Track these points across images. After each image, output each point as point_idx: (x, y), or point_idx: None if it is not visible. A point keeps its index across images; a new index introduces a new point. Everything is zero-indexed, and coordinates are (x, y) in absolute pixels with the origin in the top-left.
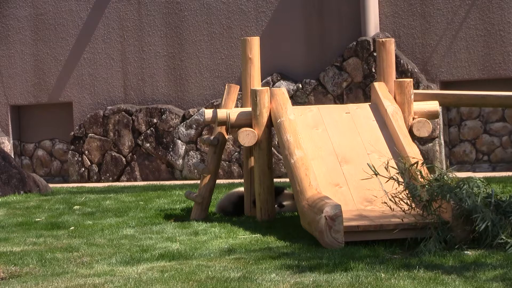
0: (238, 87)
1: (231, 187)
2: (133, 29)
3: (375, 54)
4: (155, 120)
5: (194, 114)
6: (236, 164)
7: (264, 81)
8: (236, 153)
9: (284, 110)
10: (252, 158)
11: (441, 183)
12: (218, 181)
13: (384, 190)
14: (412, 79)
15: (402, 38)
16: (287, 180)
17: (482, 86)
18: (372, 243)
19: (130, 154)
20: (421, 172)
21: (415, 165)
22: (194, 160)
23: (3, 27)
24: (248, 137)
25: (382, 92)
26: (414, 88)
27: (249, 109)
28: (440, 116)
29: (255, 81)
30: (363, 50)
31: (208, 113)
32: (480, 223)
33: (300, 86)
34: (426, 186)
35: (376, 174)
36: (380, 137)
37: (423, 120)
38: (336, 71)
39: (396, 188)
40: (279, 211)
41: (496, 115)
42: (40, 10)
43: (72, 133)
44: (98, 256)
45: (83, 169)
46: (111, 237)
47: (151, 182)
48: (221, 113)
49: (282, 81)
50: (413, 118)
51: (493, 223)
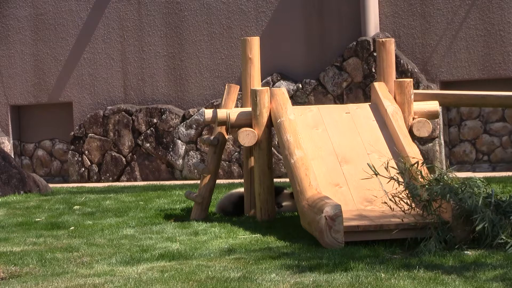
0: (238, 87)
1: (231, 187)
2: (133, 29)
3: (375, 54)
4: (155, 120)
5: (194, 114)
6: (236, 164)
7: (264, 81)
8: (236, 153)
9: (284, 110)
10: (252, 158)
11: (441, 183)
12: (218, 181)
13: (384, 190)
14: (412, 79)
15: (402, 38)
16: (287, 180)
17: (482, 86)
18: (372, 243)
19: (130, 154)
20: (421, 172)
21: (415, 165)
22: (194, 160)
23: (3, 27)
24: (248, 137)
25: (382, 92)
26: (414, 88)
27: (249, 109)
28: (440, 116)
29: (255, 81)
30: (363, 50)
31: (208, 113)
32: (480, 223)
33: (300, 86)
34: (426, 186)
35: (376, 174)
36: (380, 137)
37: (423, 120)
38: (336, 71)
39: (396, 188)
40: (279, 211)
41: (496, 115)
42: (40, 10)
43: (72, 133)
44: (98, 256)
45: (83, 169)
46: (111, 237)
47: (151, 182)
48: (221, 113)
49: (282, 81)
50: (413, 118)
51: (493, 223)
